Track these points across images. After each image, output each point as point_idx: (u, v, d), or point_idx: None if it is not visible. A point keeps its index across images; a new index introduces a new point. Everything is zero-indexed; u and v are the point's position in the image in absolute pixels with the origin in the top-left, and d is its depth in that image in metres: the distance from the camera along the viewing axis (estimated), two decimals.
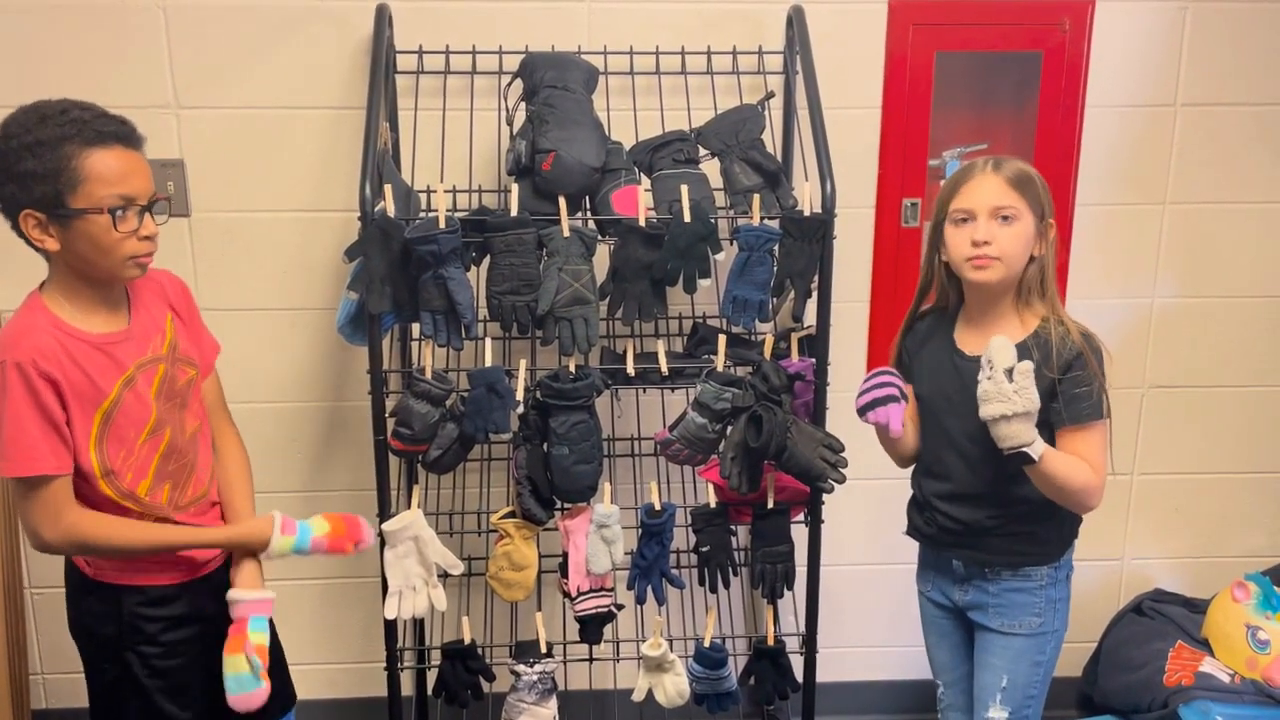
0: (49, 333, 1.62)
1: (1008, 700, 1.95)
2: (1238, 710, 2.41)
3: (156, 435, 1.72)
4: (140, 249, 1.64)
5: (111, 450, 1.67)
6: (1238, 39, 2.51)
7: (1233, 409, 2.72)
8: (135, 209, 1.62)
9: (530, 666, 2.25)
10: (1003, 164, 1.82)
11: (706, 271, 2.12)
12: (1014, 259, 1.80)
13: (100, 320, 1.68)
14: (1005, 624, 1.93)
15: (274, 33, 2.36)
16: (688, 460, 2.20)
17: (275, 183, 2.41)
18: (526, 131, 2.15)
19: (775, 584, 2.26)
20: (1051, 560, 1.92)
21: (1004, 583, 1.93)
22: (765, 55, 2.41)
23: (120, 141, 1.62)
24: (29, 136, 1.57)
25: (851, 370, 2.59)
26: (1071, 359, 1.79)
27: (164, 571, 1.78)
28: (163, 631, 1.78)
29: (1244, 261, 2.64)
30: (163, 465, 1.73)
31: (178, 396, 1.77)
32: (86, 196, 1.58)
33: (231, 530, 1.83)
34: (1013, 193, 1.79)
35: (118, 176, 1.60)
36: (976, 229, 1.79)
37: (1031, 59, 2.48)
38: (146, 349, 1.72)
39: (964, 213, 1.82)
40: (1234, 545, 2.81)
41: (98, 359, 1.65)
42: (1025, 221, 1.80)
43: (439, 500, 2.46)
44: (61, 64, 2.33)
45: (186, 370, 1.80)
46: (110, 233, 1.60)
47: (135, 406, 1.69)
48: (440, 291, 2.04)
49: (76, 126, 1.58)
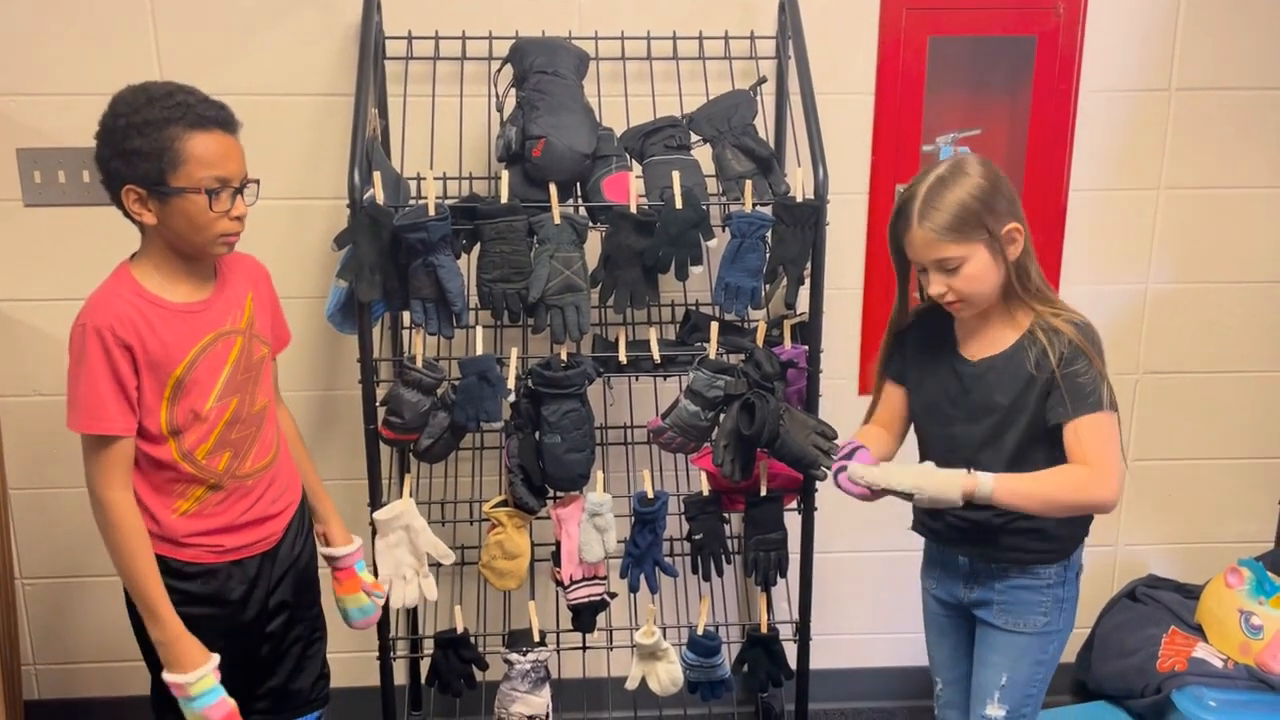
0: (130, 301, 1.72)
1: (1006, 699, 1.91)
2: (1231, 695, 2.42)
3: (223, 403, 1.79)
4: (231, 228, 1.73)
5: (180, 412, 1.75)
6: (1232, 23, 2.50)
7: (1227, 395, 2.72)
8: (229, 190, 1.71)
9: (523, 655, 2.24)
10: (930, 210, 1.72)
11: (698, 258, 2.11)
12: (976, 292, 1.75)
13: (185, 290, 1.77)
14: (1010, 622, 1.89)
15: (262, 19, 2.34)
16: (680, 448, 2.20)
17: (263, 170, 2.34)
18: (517, 118, 2.13)
19: (768, 571, 2.26)
20: (1061, 558, 1.86)
21: (1011, 580, 1.88)
22: (757, 40, 2.39)
23: (220, 126, 1.70)
24: (137, 116, 1.65)
25: (844, 357, 2.59)
26: (1067, 353, 1.74)
27: (179, 548, 1.82)
28: (180, 604, 1.81)
29: (1239, 247, 2.63)
30: (225, 433, 1.79)
31: (252, 370, 1.84)
32: (186, 176, 1.67)
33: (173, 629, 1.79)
34: (943, 243, 1.71)
35: (216, 159, 1.68)
36: (931, 282, 1.78)
37: (1025, 43, 2.47)
38: (226, 320, 1.81)
39: (916, 263, 1.80)
40: (1227, 531, 2.81)
41: (176, 325, 1.74)
42: (974, 259, 1.72)
43: (431, 489, 2.46)
44: (48, 49, 2.31)
45: (260, 347, 1.87)
46: (206, 212, 1.69)
47: (206, 373, 1.77)
48: (430, 279, 2.03)
49: (181, 110, 1.67)
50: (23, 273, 2.41)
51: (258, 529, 1.87)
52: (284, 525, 1.93)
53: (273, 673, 1.97)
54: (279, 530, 1.92)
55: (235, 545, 1.85)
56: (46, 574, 2.60)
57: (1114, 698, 2.60)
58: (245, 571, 1.87)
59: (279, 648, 1.96)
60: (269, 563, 1.90)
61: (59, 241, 2.37)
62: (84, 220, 2.35)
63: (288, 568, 1.94)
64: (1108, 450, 1.73)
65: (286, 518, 1.94)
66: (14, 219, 2.38)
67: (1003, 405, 1.79)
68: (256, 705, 1.99)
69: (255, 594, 1.89)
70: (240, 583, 1.87)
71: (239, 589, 1.87)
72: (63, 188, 2.36)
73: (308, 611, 2.01)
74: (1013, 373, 1.79)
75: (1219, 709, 2.38)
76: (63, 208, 2.37)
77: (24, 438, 2.47)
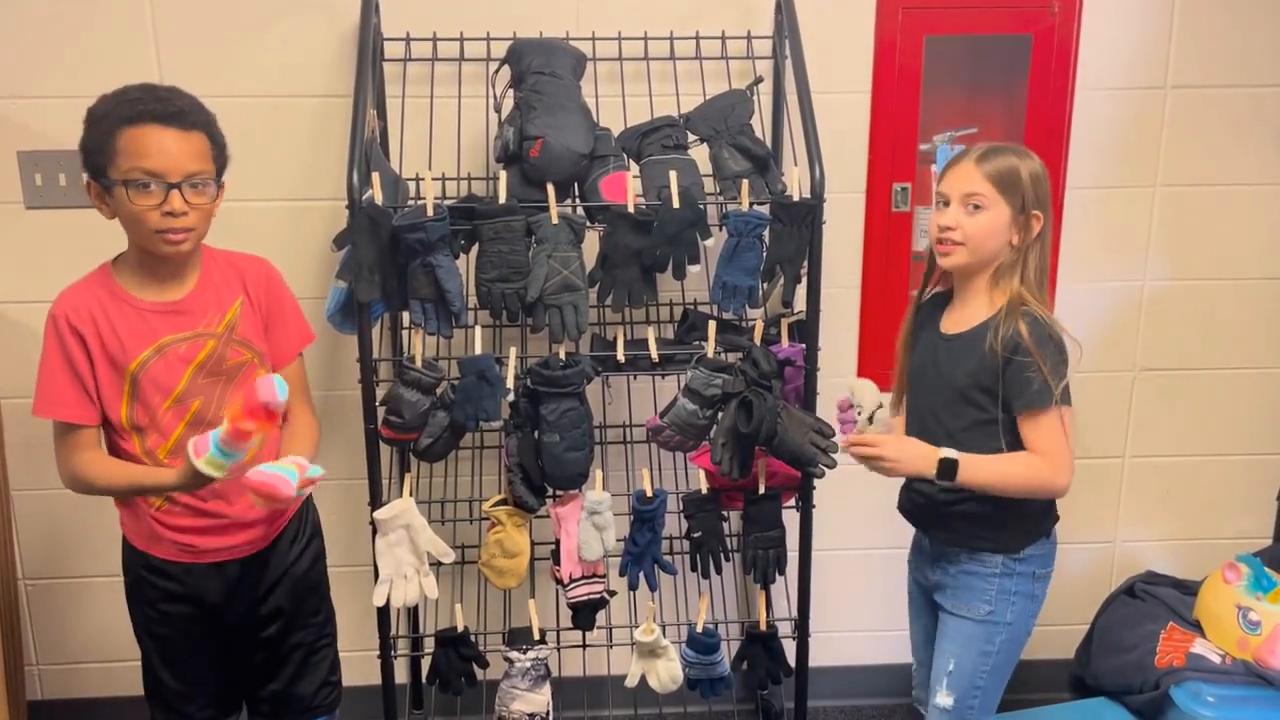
0: (93, 292, 1.76)
1: (953, 686, 1.95)
2: (1229, 691, 2.42)
3: (182, 404, 1.79)
4: (164, 224, 1.71)
5: (140, 410, 1.78)
6: (1228, 20, 2.51)
7: (1224, 391, 2.73)
8: (161, 184, 1.69)
9: (524, 653, 2.25)
10: (990, 156, 1.84)
11: (696, 257, 2.11)
12: (978, 245, 1.84)
13: (155, 290, 1.79)
14: (956, 606, 1.95)
15: (261, 20, 2.35)
16: (679, 446, 2.20)
17: (262, 171, 2.40)
18: (514, 118, 2.14)
19: (767, 569, 2.27)
20: (1008, 550, 1.91)
21: (961, 565, 1.94)
22: (754, 40, 2.40)
23: (157, 120, 1.69)
24: (95, 113, 1.71)
25: (842, 355, 2.59)
26: (1012, 345, 1.80)
27: (157, 544, 1.85)
28: (160, 600, 1.86)
29: (1235, 243, 2.64)
30: (188, 434, 1.78)
31: (223, 374, 1.83)
32: (116, 169, 1.68)
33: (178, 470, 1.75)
34: (986, 183, 1.82)
35: (142, 152, 1.68)
36: (945, 214, 1.85)
37: (1021, 42, 2.47)
38: (198, 324, 1.81)
39: (941, 196, 1.88)
40: (1225, 527, 2.82)
41: (135, 323, 1.76)
42: (995, 212, 1.82)
43: (431, 488, 2.46)
44: (47, 50, 2.32)
45: (241, 352, 1.85)
46: (128, 204, 1.69)
47: (163, 373, 1.77)
48: (429, 279, 2.03)
49: (124, 106, 1.69)
50: (24, 274, 2.41)
51: (235, 533, 1.86)
52: (271, 531, 1.92)
53: (273, 677, 1.98)
54: (263, 535, 1.91)
55: (209, 547, 1.85)
56: (49, 575, 2.61)
57: (1112, 694, 2.61)
58: (224, 575, 1.87)
59: (277, 654, 1.97)
60: (256, 568, 1.90)
61: (60, 243, 2.38)
62: (84, 222, 2.33)
63: (281, 574, 1.94)
64: (1056, 444, 1.82)
65: (275, 524, 1.93)
66: (15, 221, 2.40)
67: (960, 381, 1.87)
68: (259, 708, 2.00)
69: (239, 599, 1.89)
70: (219, 586, 1.87)
71: (218, 593, 1.87)
72: (63, 190, 2.37)
73: (310, 619, 2.01)
74: (971, 351, 1.86)
75: (1217, 704, 2.38)
76: (63, 210, 2.38)
77: (26, 439, 2.48)
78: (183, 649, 1.91)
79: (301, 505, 1.99)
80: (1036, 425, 1.82)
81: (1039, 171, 1.85)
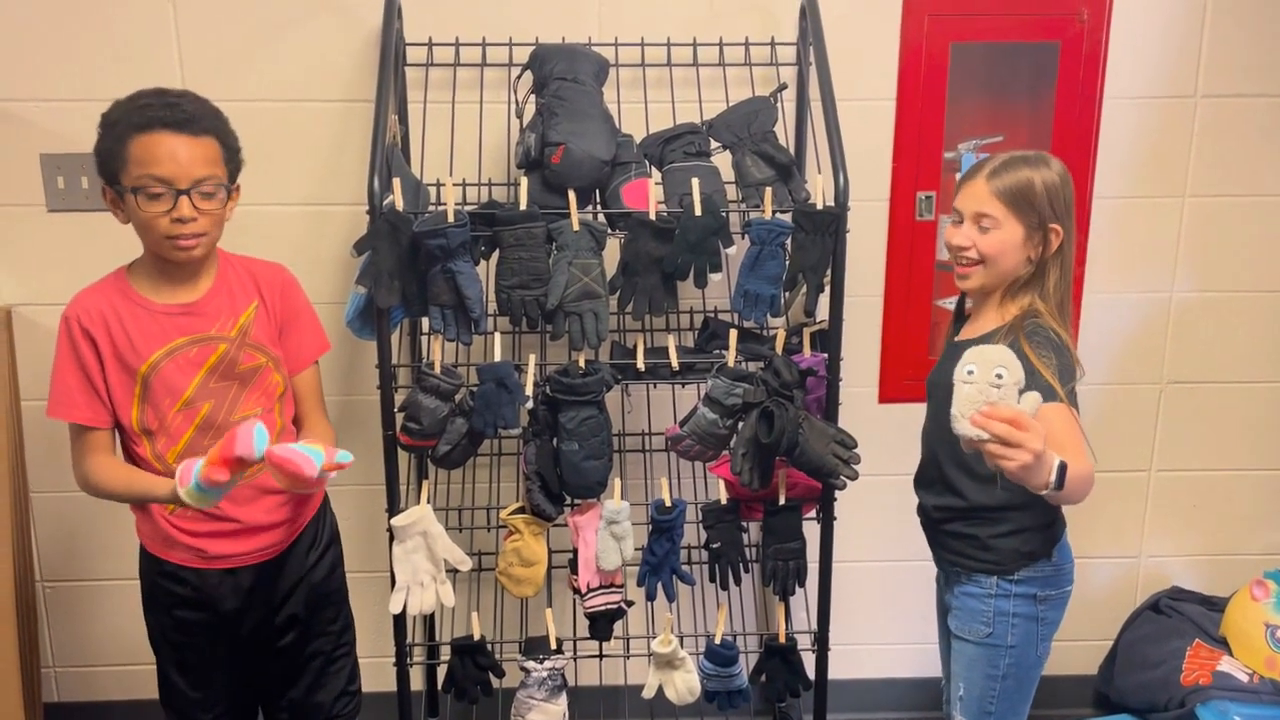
0: (107, 295, 1.78)
1: (965, 710, 1.93)
2: (1256, 710, 2.38)
3: (192, 408, 1.79)
4: (172, 230, 1.71)
5: (150, 412, 1.78)
6: (1258, 29, 2.47)
7: (1252, 405, 2.69)
8: (170, 191, 1.69)
9: (540, 663, 2.24)
10: (1002, 171, 1.79)
11: (718, 265, 2.10)
12: (993, 263, 1.80)
13: (168, 293, 1.80)
14: (959, 628, 1.93)
15: (282, 25, 2.35)
16: (698, 456, 2.19)
17: (283, 176, 2.40)
18: (536, 124, 2.13)
19: (787, 581, 2.25)
20: (1002, 572, 1.86)
21: (962, 585, 1.92)
22: (778, 46, 2.38)
23: (167, 127, 1.69)
24: (108, 119, 1.72)
25: (864, 365, 2.57)
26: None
27: (171, 549, 1.85)
28: (175, 606, 1.86)
29: (1264, 256, 2.60)
30: (197, 438, 1.79)
31: (235, 378, 1.83)
32: (127, 175, 1.69)
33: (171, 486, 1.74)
34: (995, 201, 1.78)
35: (152, 158, 1.68)
36: (959, 232, 1.84)
37: (1049, 50, 2.45)
38: (210, 327, 1.80)
39: (957, 213, 1.86)
40: (1253, 543, 2.77)
41: (148, 324, 1.77)
42: (1006, 230, 1.78)
43: (448, 495, 2.46)
44: (71, 56, 2.33)
45: (255, 356, 1.85)
46: (139, 211, 1.70)
47: (173, 376, 1.78)
48: (449, 286, 2.03)
49: (135, 112, 1.70)
50: (46, 277, 2.42)
51: (247, 539, 1.86)
52: (287, 537, 1.91)
53: (291, 685, 1.98)
54: (278, 542, 1.90)
55: (220, 553, 1.84)
56: (67, 577, 2.62)
57: (1137, 711, 2.58)
58: (238, 581, 1.87)
59: (295, 662, 1.96)
60: (272, 575, 1.90)
61: (81, 246, 2.38)
62: (106, 225, 2.33)
63: (297, 582, 1.93)
64: (1076, 431, 1.70)
65: (291, 530, 1.92)
66: (37, 224, 2.40)
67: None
68: (278, 717, 2.00)
69: (254, 607, 1.89)
70: (232, 593, 1.86)
71: (232, 600, 1.86)
72: (85, 193, 2.38)
73: (328, 627, 2.00)
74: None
75: None
76: (85, 213, 2.39)
77: (46, 441, 2.49)
78: (198, 656, 1.90)
79: (319, 510, 1.99)
80: (1048, 421, 1.67)
81: (1055, 181, 1.79)
